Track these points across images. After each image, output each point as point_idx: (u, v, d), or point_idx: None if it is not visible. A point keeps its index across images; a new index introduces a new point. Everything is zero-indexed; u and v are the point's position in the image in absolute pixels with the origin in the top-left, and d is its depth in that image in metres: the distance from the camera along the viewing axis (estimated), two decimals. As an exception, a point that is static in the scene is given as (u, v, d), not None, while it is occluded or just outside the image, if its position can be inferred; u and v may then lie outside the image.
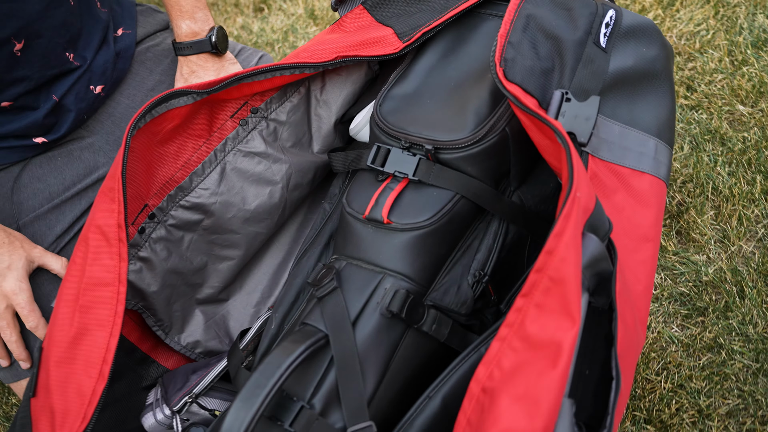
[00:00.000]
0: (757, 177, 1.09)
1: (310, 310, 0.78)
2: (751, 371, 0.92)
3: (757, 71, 1.22)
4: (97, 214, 0.77)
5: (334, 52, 0.86)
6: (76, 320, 0.75)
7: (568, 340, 0.60)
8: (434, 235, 0.79)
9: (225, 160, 0.91)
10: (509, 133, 0.80)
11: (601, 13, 0.87)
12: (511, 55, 0.79)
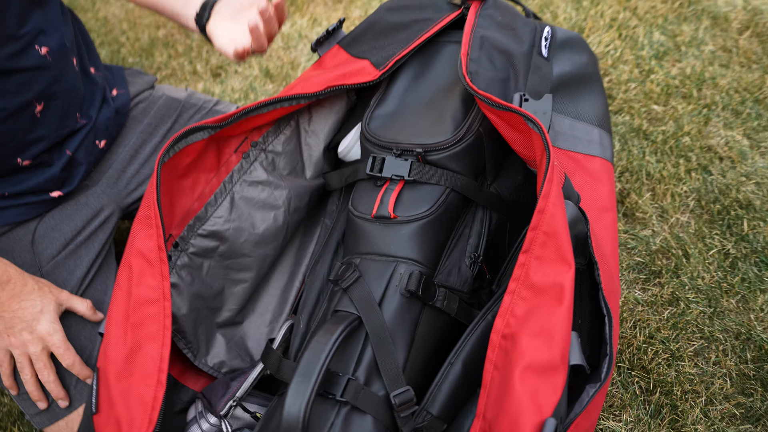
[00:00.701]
0: (680, 161, 1.28)
1: (338, 300, 0.88)
2: (707, 315, 1.08)
3: (662, 77, 1.44)
4: (137, 240, 0.86)
5: (323, 84, 0.99)
6: (129, 337, 0.83)
7: (568, 281, 0.73)
8: (434, 223, 0.91)
9: (233, 190, 1.01)
10: (483, 132, 0.95)
11: (539, 29, 1.05)
12: (474, 68, 0.95)
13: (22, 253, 0.99)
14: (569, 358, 0.73)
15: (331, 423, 0.80)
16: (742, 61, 1.45)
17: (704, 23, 1.55)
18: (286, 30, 1.78)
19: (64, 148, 1.01)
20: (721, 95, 1.38)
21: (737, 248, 1.15)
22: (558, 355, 0.71)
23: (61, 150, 1.01)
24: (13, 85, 0.90)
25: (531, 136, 0.87)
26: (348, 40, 1.08)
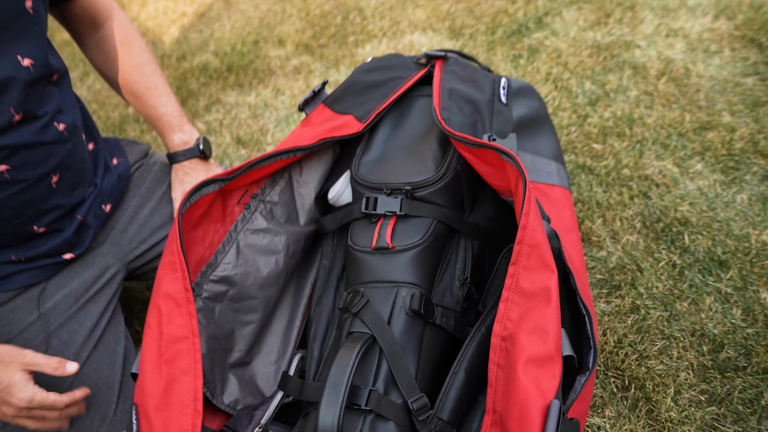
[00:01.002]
0: (623, 189, 1.46)
1: (349, 323, 0.98)
2: (665, 318, 1.22)
3: (598, 120, 1.63)
4: (163, 284, 0.94)
5: (315, 137, 1.11)
6: (164, 372, 0.90)
7: (553, 284, 0.86)
8: (427, 250, 1.03)
9: (238, 238, 1.11)
10: (460, 169, 1.09)
11: (497, 80, 1.21)
12: (447, 116, 1.09)
13: (27, 313, 1.04)
14: (562, 349, 0.84)
15: (359, 430, 0.88)
16: (663, 102, 1.66)
17: (627, 72, 1.77)
18: (254, 100, 1.91)
19: (75, 213, 1.08)
20: (649, 131, 1.58)
21: (682, 259, 1.31)
22: (553, 347, 0.83)
23: (72, 216, 1.08)
24: (34, 157, 0.98)
25: (505, 167, 1.00)
26: (331, 99, 1.22)
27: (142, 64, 1.17)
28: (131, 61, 1.16)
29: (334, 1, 2.29)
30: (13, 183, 0.96)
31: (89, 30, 1.16)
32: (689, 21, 1.91)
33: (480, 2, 2.15)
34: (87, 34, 1.17)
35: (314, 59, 2.04)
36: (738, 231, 1.34)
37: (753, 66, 1.72)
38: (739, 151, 1.50)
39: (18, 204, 0.98)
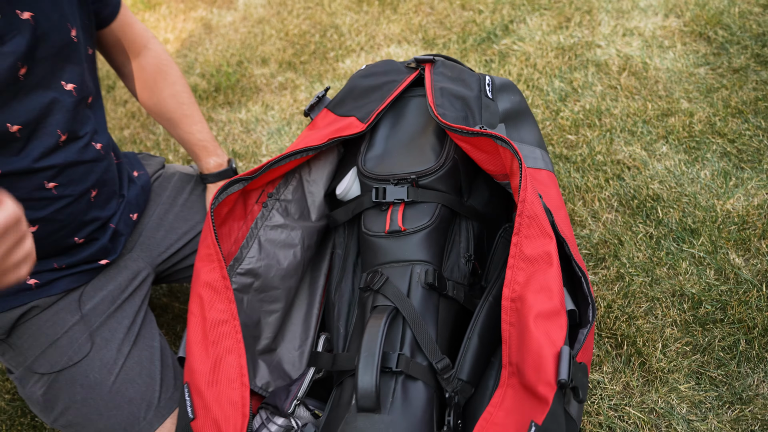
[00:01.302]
0: (599, 174, 1.60)
1: (372, 299, 1.08)
2: (647, 283, 1.35)
3: (569, 114, 1.77)
4: (201, 274, 1.03)
5: (323, 138, 1.22)
6: (211, 353, 0.99)
7: (553, 248, 0.97)
8: (435, 230, 1.15)
9: (259, 234, 1.20)
10: (457, 158, 1.21)
11: (482, 78, 1.34)
12: (441, 111, 1.21)
13: (70, 315, 1.12)
14: (566, 305, 0.96)
15: (393, 389, 0.98)
16: (626, 94, 1.81)
17: (591, 70, 1.92)
18: (245, 116, 2.01)
19: (108, 223, 1.17)
20: (617, 121, 1.73)
21: (657, 230, 1.45)
22: (558, 302, 0.94)
23: (106, 226, 1.17)
24: (77, 175, 1.07)
25: (499, 152, 1.12)
26: (333, 103, 1.33)
27: (178, 92, 1.26)
28: (168, 89, 1.25)
29: (310, 21, 2.41)
30: (59, 199, 1.04)
31: (125, 58, 1.25)
32: (642, 21, 2.08)
33: (449, 14, 2.29)
34: (123, 62, 1.25)
35: (298, 75, 2.15)
36: (704, 202, 1.48)
37: (704, 57, 1.89)
38: (699, 132, 1.65)
39: (62, 218, 1.07)
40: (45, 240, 1.07)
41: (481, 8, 2.29)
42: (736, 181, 1.52)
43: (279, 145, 1.89)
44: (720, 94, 1.75)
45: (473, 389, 1.06)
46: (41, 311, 1.11)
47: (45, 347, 1.10)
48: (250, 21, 2.48)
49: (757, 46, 1.88)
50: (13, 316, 1.10)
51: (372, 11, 2.39)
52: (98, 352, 1.11)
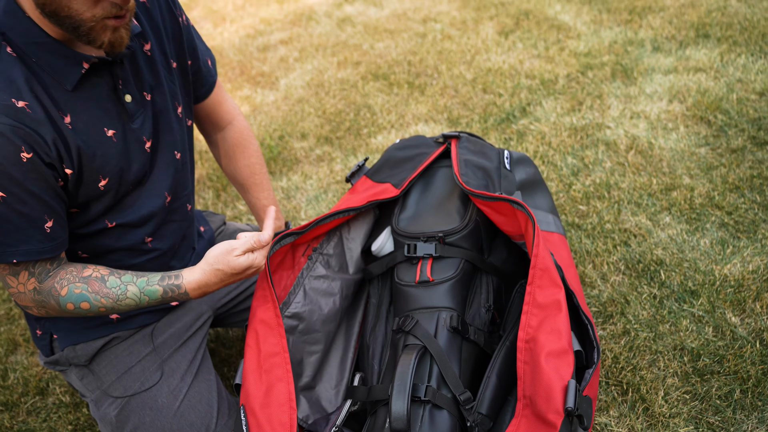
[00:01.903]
0: (607, 240, 1.76)
1: (404, 340, 1.23)
2: (651, 338, 1.49)
3: (581, 187, 1.96)
4: (257, 312, 1.20)
5: (363, 201, 1.41)
6: (264, 380, 1.15)
7: (562, 296, 1.13)
8: (459, 282, 1.31)
9: (304, 283, 1.38)
10: (479, 220, 1.38)
11: (501, 152, 1.53)
12: (465, 179, 1.40)
13: (143, 346, 1.29)
14: (573, 346, 1.11)
15: (421, 416, 1.13)
16: (633, 170, 2.00)
17: (601, 148, 2.12)
18: (285, 184, 2.22)
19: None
20: (624, 194, 1.90)
21: (661, 291, 1.59)
22: (566, 343, 1.09)
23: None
24: (169, 232, 1.26)
25: (516, 215, 1.30)
26: (371, 171, 1.52)
27: (253, 164, 1.46)
28: (245, 161, 1.46)
29: (345, 101, 2.66)
30: (151, 251, 1.23)
31: (213, 129, 1.46)
32: (648, 105, 2.28)
33: (472, 97, 2.53)
34: (210, 132, 1.47)
35: (334, 149, 2.37)
36: (704, 267, 1.63)
37: (704, 138, 2.08)
38: (699, 205, 1.82)
39: (150, 267, 1.25)
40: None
41: (501, 92, 2.52)
42: (733, 249, 1.67)
43: (317, 210, 2.08)
44: (719, 171, 1.93)
45: (491, 423, 1.20)
46: (120, 342, 1.28)
47: (121, 373, 1.26)
48: (291, 100, 2.74)
49: (753, 129, 2.07)
50: (97, 346, 1.27)
51: (402, 93, 2.64)
52: (166, 380, 1.27)
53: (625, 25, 2.94)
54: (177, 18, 1.22)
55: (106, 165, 1.08)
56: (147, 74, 1.14)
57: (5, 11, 0.97)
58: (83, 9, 0.92)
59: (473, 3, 3.44)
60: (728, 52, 2.56)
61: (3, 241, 1.00)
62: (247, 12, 3.82)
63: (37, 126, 0.97)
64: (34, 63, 0.99)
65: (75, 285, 1.08)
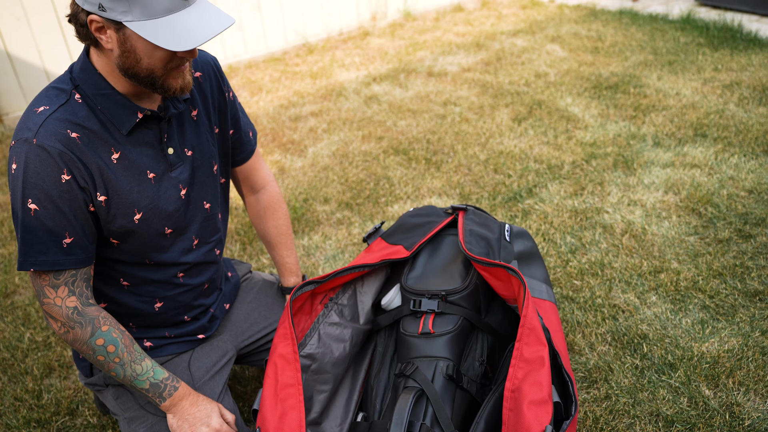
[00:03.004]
0: (597, 314, 1.92)
1: (404, 383, 1.39)
2: (630, 404, 1.63)
3: (576, 264, 2.13)
4: (278, 348, 1.37)
5: (376, 259, 1.60)
6: (278, 407, 1.31)
7: (546, 353, 1.30)
8: (457, 337, 1.48)
9: (319, 327, 1.55)
10: (479, 283, 1.56)
11: (502, 225, 1.72)
12: (469, 247, 1.59)
13: (182, 373, 1.46)
14: (553, 397, 1.27)
15: (415, 451, 1.27)
16: (626, 252, 2.17)
17: (598, 230, 2.30)
18: (306, 243, 2.41)
19: (209, 308, 1.53)
20: (616, 273, 2.07)
21: (642, 362, 1.74)
22: (546, 394, 1.25)
23: (207, 310, 1.53)
24: (199, 271, 1.45)
25: (510, 280, 1.48)
26: (386, 234, 1.72)
27: (280, 225, 1.66)
28: (273, 222, 1.66)
29: (367, 171, 2.88)
30: (182, 286, 1.42)
31: (249, 191, 1.66)
32: (645, 194, 2.48)
33: (483, 176, 2.74)
34: (246, 193, 1.67)
35: (353, 214, 2.58)
36: (684, 344, 1.78)
37: (694, 228, 2.26)
38: (684, 288, 1.98)
39: (180, 299, 1.43)
40: (164, 314, 1.43)
41: (511, 173, 2.73)
42: (712, 329, 1.82)
43: (333, 268, 2.27)
44: (705, 258, 2.10)
45: (478, 464, 1.34)
46: (153, 367, 1.46)
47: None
48: (317, 167, 2.98)
49: (740, 223, 2.25)
50: (133, 369, 1.44)
51: (419, 168, 2.86)
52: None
53: (629, 120, 3.18)
54: (224, 93, 1.45)
55: (141, 200, 1.27)
56: (190, 134, 1.36)
57: (81, 68, 1.21)
58: (160, 66, 1.15)
59: (491, 90, 3.72)
60: (723, 151, 2.77)
61: (26, 250, 1.18)
62: (283, 84, 4.13)
63: (81, 154, 1.17)
64: (98, 110, 1.21)
65: (114, 329, 1.28)
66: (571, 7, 5.39)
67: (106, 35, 1.12)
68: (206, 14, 1.13)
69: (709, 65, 3.79)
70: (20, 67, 3.88)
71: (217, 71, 1.44)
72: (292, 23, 4.85)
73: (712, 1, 4.98)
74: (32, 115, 1.17)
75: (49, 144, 1.14)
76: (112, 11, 1.07)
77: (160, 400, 1.33)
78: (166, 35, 1.08)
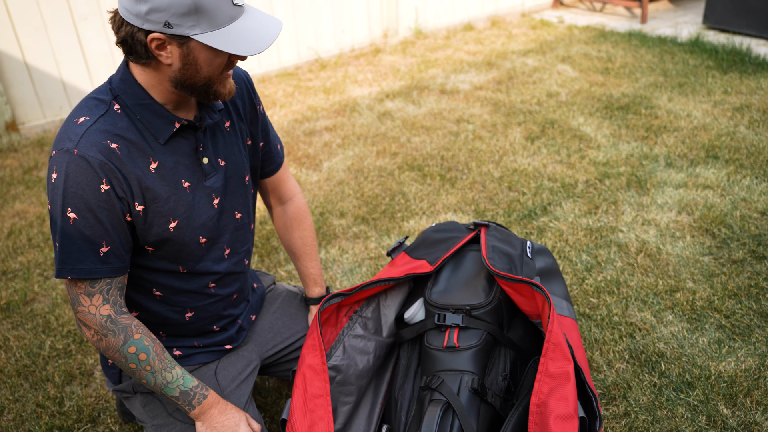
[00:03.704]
0: (614, 331, 1.94)
1: (429, 396, 1.41)
2: (649, 421, 1.64)
3: (593, 282, 2.15)
4: (306, 359, 1.39)
5: (400, 273, 1.62)
6: (308, 417, 1.33)
7: (571, 369, 1.32)
8: (481, 351, 1.50)
9: (344, 340, 1.57)
10: (502, 299, 1.59)
11: (524, 242, 1.74)
12: (492, 262, 1.61)
13: (209, 381, 1.48)
14: (578, 412, 1.29)
15: (442, 463, 1.29)
16: (641, 271, 2.20)
17: (613, 249, 2.33)
18: (323, 256, 2.44)
19: (237, 319, 1.56)
20: (632, 291, 2.10)
21: (660, 380, 1.76)
22: (572, 409, 1.27)
23: (235, 321, 1.55)
24: (229, 281, 1.48)
25: (534, 296, 1.50)
26: (410, 248, 1.74)
27: (305, 237, 1.69)
28: (299, 233, 1.68)
29: (382, 186, 2.92)
30: (213, 296, 1.45)
31: (276, 202, 1.69)
32: (659, 214, 2.51)
33: (498, 193, 2.77)
34: (273, 204, 1.70)
35: (369, 228, 2.60)
36: (701, 363, 1.80)
37: (708, 249, 2.29)
38: (700, 308, 2.00)
39: (210, 310, 1.46)
40: (194, 324, 1.45)
41: (525, 191, 2.76)
42: (729, 349, 1.84)
43: (351, 282, 2.29)
44: (720, 279, 2.12)
45: (502, 477, 1.35)
46: (182, 375, 1.48)
47: (182, 402, 1.45)
48: (332, 182, 3.01)
49: (753, 244, 2.27)
50: (162, 377, 1.46)
51: (434, 184, 2.90)
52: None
53: (641, 140, 3.21)
54: (256, 106, 1.49)
55: (177, 209, 1.30)
56: (223, 145, 1.39)
57: (121, 79, 1.25)
58: (217, 73, 1.20)
59: (504, 109, 3.76)
60: (735, 173, 2.81)
61: (64, 258, 1.21)
62: (296, 99, 4.17)
63: (121, 165, 1.20)
64: (137, 119, 1.25)
65: (146, 338, 1.30)
66: (580, 28, 5.46)
67: (166, 51, 1.15)
68: (260, 18, 1.19)
69: (719, 88, 3.83)
70: (37, 77, 3.93)
71: (249, 85, 1.47)
72: (305, 39, 4.90)
73: (720, 25, 5.04)
74: (73, 125, 1.20)
75: (90, 154, 1.17)
76: (179, 27, 1.11)
77: (190, 408, 1.35)
78: (236, 42, 1.13)
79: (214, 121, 1.35)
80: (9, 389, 1.92)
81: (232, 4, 1.13)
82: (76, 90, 4.10)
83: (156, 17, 1.10)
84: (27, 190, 3.19)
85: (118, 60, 4.18)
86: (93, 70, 4.12)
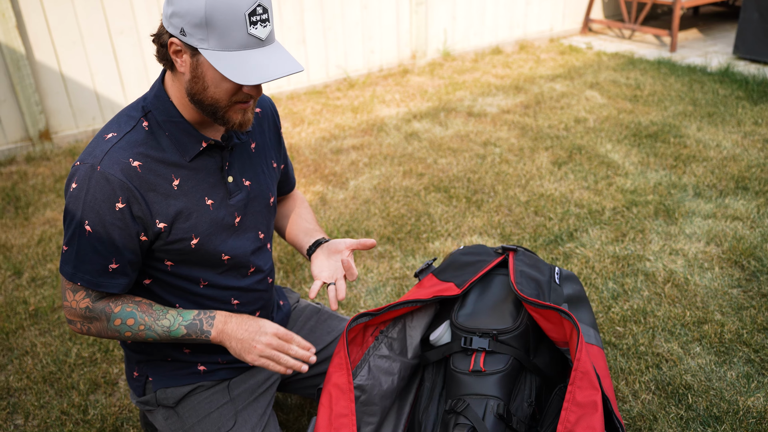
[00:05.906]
0: (641, 361, 1.92)
1: (455, 420, 1.41)
2: (676, 455, 1.62)
3: (619, 310, 2.13)
4: (333, 378, 1.40)
5: (428, 295, 1.62)
6: (333, 436, 1.33)
7: (599, 398, 1.31)
8: (507, 376, 1.49)
9: (369, 359, 1.57)
10: (529, 324, 1.58)
11: (552, 268, 1.74)
12: (520, 288, 1.61)
13: (221, 396, 1.48)
14: (605, 443, 1.27)
15: (467, 486, 1.28)
16: (669, 301, 2.17)
17: (640, 277, 2.31)
18: (348, 274, 2.45)
19: (260, 336, 1.57)
20: (659, 321, 2.07)
21: (687, 413, 1.73)
22: (599, 440, 1.26)
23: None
24: (252, 298, 1.49)
25: (562, 323, 1.49)
26: (437, 270, 1.75)
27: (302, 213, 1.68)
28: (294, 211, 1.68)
29: (408, 207, 2.92)
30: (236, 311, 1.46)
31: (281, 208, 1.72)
32: (687, 244, 2.48)
33: (524, 217, 2.77)
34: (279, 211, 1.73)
35: (395, 248, 2.61)
36: (729, 397, 1.77)
37: (737, 281, 2.26)
38: (728, 340, 1.98)
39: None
40: (219, 339, 1.47)
41: (551, 216, 2.75)
42: (758, 383, 1.81)
43: (375, 301, 2.29)
44: (749, 312, 2.09)
45: (528, 504, 1.34)
46: (203, 390, 1.48)
47: (201, 417, 1.45)
48: (359, 200, 3.03)
49: (784, 278, 2.24)
50: (184, 391, 1.47)
51: (460, 206, 2.90)
52: (239, 428, 1.45)
53: (670, 169, 3.19)
54: (278, 130, 1.52)
55: (199, 226, 1.32)
56: (249, 165, 1.41)
57: (155, 95, 1.28)
58: (224, 98, 1.21)
59: (531, 134, 3.76)
60: (765, 205, 2.77)
61: (76, 265, 1.25)
62: (324, 117, 4.21)
63: (140, 184, 1.23)
64: (166, 136, 1.27)
65: (127, 305, 1.31)
66: (609, 55, 5.46)
67: (181, 58, 1.19)
68: (277, 56, 1.19)
69: (749, 119, 3.80)
70: (72, 88, 4.01)
71: (274, 111, 1.53)
72: (335, 58, 4.96)
73: (751, 55, 5.01)
74: (101, 141, 1.24)
75: (111, 173, 1.21)
76: (191, 37, 1.14)
77: (206, 335, 1.33)
78: (234, 68, 1.14)
79: (242, 141, 1.37)
80: (35, 395, 1.94)
81: (247, 33, 1.15)
82: (108, 101, 4.18)
83: (176, 22, 1.14)
84: (58, 198, 3.24)
85: (151, 72, 4.26)
86: (126, 82, 4.20)
